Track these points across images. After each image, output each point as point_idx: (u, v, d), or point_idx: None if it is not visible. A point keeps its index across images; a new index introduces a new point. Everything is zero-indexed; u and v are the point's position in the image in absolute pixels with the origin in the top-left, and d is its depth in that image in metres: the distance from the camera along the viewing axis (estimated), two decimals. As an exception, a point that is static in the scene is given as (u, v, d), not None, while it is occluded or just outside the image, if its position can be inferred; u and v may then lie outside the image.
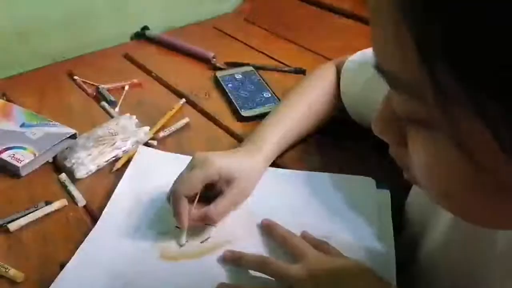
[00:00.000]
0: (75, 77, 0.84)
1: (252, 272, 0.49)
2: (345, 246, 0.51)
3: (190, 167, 0.54)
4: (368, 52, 0.65)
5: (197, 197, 0.53)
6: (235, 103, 0.77)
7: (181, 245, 0.52)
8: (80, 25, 0.93)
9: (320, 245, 0.50)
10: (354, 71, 0.65)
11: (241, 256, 0.49)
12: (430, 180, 0.28)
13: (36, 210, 0.56)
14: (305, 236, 0.51)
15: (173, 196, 0.52)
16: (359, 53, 0.67)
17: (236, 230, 0.54)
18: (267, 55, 0.94)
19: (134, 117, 0.71)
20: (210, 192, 0.54)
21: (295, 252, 0.49)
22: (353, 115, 0.67)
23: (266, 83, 0.82)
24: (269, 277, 0.47)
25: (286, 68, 0.88)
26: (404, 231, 0.56)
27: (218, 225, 0.54)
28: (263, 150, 0.59)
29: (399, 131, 0.29)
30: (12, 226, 0.54)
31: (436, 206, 0.50)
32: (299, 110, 0.65)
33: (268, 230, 0.53)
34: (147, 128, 0.69)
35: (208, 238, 0.53)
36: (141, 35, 1.00)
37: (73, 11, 0.91)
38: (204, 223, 0.53)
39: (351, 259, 0.47)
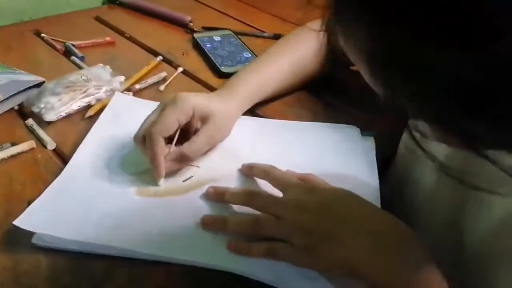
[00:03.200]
0: (43, 35, 0.79)
1: (236, 208, 0.46)
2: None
3: (162, 107, 0.50)
4: None
5: (176, 138, 0.49)
6: (214, 60, 0.74)
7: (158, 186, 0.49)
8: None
9: (305, 177, 0.48)
10: None
11: (225, 191, 0.46)
12: None
13: (1, 150, 0.52)
14: (289, 172, 0.49)
15: (149, 138, 0.47)
16: None
17: (220, 171, 0.52)
18: (245, 23, 0.92)
19: (108, 67, 0.67)
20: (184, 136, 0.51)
21: (280, 183, 0.46)
22: None
23: (246, 45, 0.80)
24: (255, 211, 0.45)
25: (265, 34, 0.87)
26: (389, 177, 0.56)
27: (202, 167, 0.52)
28: (237, 96, 0.57)
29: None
30: (-27, 165, 0.49)
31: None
32: (281, 63, 0.62)
33: (248, 170, 0.51)
34: (122, 78, 0.65)
35: (191, 177, 0.50)
36: (114, 0, 0.96)
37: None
38: (180, 164, 0.50)
39: (338, 187, 0.46)
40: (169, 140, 0.49)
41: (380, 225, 0.40)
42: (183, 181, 0.50)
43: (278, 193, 0.46)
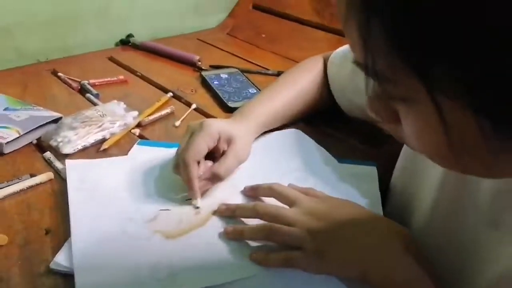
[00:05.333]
0: (59, 74, 0.84)
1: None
2: None
3: (189, 134, 0.54)
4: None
5: (203, 160, 0.53)
6: (221, 96, 0.78)
7: (197, 208, 0.51)
8: (65, 27, 0.94)
9: (308, 191, 0.50)
10: (340, 60, 0.69)
11: (237, 206, 0.50)
12: (422, 147, 0.32)
13: (20, 181, 0.54)
14: (291, 187, 0.52)
15: (183, 164, 0.51)
16: (343, 46, 0.70)
17: (226, 198, 0.54)
18: (250, 62, 0.97)
19: (122, 102, 0.71)
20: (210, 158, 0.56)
21: (286, 199, 0.49)
22: (341, 102, 0.69)
23: (251, 82, 0.84)
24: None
25: (269, 71, 0.91)
26: (389, 209, 0.57)
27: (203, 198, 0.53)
28: (251, 120, 0.61)
29: (390, 109, 0.32)
30: (-5, 195, 0.52)
31: (419, 180, 0.52)
32: (288, 93, 0.67)
33: (252, 192, 0.53)
34: (135, 113, 0.68)
35: (198, 208, 0.52)
36: (126, 42, 1.01)
37: (58, 13, 0.92)
38: (212, 184, 0.53)
39: (341, 198, 0.49)
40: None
41: (385, 228, 0.43)
42: (196, 213, 0.52)
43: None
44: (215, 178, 0.53)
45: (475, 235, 0.43)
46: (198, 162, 0.53)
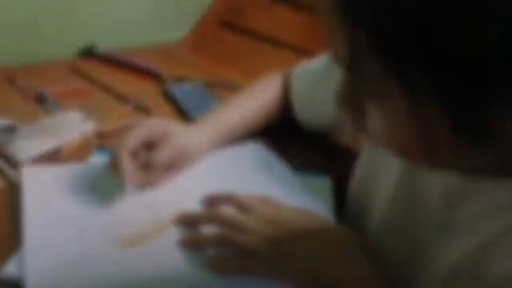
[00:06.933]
0: (17, 82, 0.81)
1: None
2: None
3: None
4: (312, 62, 0.71)
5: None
6: (184, 109, 0.78)
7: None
8: (24, 34, 0.92)
9: (264, 200, 0.51)
10: (301, 77, 0.71)
11: (197, 214, 0.51)
12: (390, 143, 0.34)
13: (-30, 190, 0.52)
14: (249, 195, 0.53)
15: (116, 158, 0.53)
16: (305, 63, 0.73)
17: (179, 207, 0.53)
18: (214, 76, 0.98)
19: (81, 112, 0.69)
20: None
21: (243, 207, 0.49)
22: (302, 118, 0.71)
23: (215, 95, 0.85)
24: None
25: (233, 86, 0.92)
26: (348, 216, 0.59)
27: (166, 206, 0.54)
28: (204, 132, 0.61)
29: (358, 105, 0.34)
30: None
31: (374, 188, 0.55)
32: (250, 105, 0.68)
33: (210, 200, 0.54)
34: (93, 123, 0.67)
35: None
36: (88, 52, 1.00)
37: (17, 19, 0.90)
38: (147, 175, 0.54)
39: (297, 207, 0.51)
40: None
41: (338, 233, 0.45)
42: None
43: None
44: (149, 168, 0.54)
45: (426, 236, 0.45)
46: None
